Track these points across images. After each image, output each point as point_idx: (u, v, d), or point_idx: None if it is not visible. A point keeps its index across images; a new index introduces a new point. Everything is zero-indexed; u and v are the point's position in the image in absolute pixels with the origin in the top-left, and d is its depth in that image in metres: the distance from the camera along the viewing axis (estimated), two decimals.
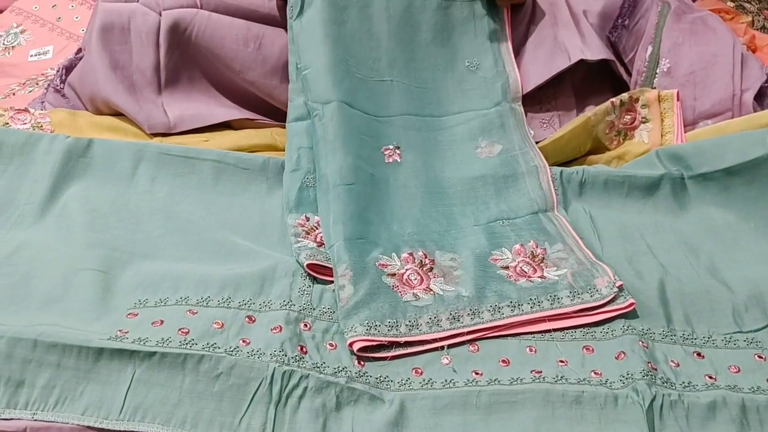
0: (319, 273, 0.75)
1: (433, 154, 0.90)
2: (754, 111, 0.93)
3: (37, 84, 1.08)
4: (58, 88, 1.03)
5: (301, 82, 0.92)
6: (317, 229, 0.80)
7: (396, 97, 0.95)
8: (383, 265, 0.75)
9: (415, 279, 0.74)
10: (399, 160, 0.88)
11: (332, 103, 0.89)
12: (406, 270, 0.75)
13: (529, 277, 0.75)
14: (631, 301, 0.71)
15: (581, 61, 0.97)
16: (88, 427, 0.60)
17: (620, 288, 0.72)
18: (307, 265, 0.74)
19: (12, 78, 1.11)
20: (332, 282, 0.74)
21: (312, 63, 0.92)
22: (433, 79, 0.97)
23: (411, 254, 0.77)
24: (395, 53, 0.97)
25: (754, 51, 1.06)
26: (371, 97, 0.93)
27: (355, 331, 0.67)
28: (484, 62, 0.99)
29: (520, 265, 0.76)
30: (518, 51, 1.02)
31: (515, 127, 0.93)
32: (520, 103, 0.97)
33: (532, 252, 0.78)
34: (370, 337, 0.67)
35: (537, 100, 1.02)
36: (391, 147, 0.90)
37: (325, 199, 0.81)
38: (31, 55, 1.17)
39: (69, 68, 1.03)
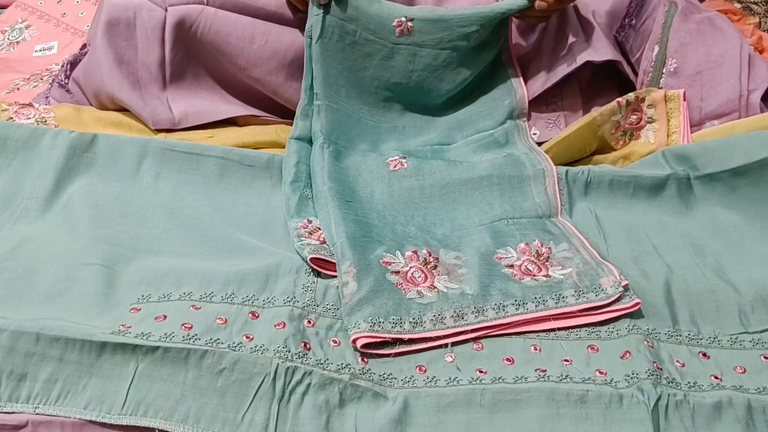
0: (323, 267, 0.75)
1: (439, 162, 0.90)
2: (761, 112, 0.93)
3: (41, 79, 1.08)
4: (63, 83, 1.03)
5: (313, 109, 0.93)
6: (320, 230, 0.80)
7: (406, 140, 0.97)
8: (387, 262, 0.75)
9: (419, 276, 0.74)
10: (405, 167, 0.88)
11: (335, 146, 0.90)
12: (410, 267, 0.75)
13: (534, 275, 0.74)
14: (637, 300, 0.71)
15: (588, 62, 0.97)
16: (91, 422, 0.60)
17: (626, 287, 0.71)
18: (311, 259, 0.74)
19: (16, 73, 1.11)
20: (336, 277, 0.74)
21: (325, 100, 0.92)
22: (446, 117, 0.98)
23: (415, 252, 0.77)
24: (411, 104, 0.98)
25: (761, 52, 1.05)
26: (379, 141, 0.95)
27: (359, 328, 0.67)
28: (493, 84, 0.99)
29: (525, 263, 0.76)
30: (527, 56, 1.02)
31: (519, 140, 0.94)
32: (525, 118, 0.97)
33: (537, 251, 0.77)
34: (373, 334, 0.67)
35: (543, 100, 1.01)
36: (396, 157, 0.90)
37: (325, 209, 0.81)
38: (36, 51, 1.17)
39: (74, 63, 1.03)
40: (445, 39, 0.94)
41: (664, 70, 0.98)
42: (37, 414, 0.60)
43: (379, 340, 0.67)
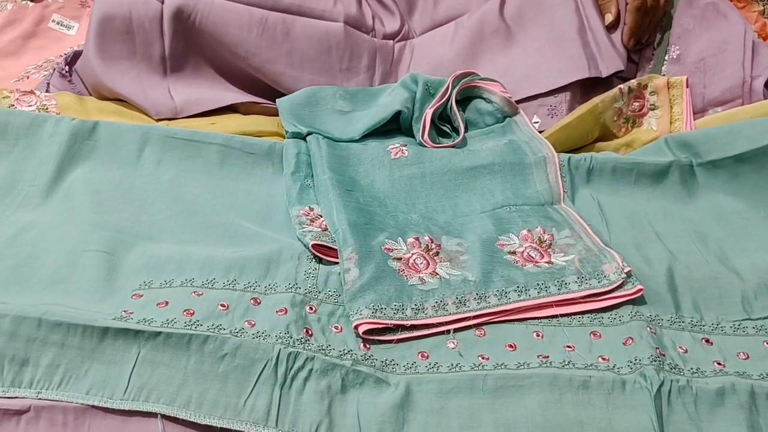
0: (325, 254, 0.74)
1: (441, 150, 0.90)
2: (765, 98, 0.93)
3: (53, 69, 1.07)
4: (63, 71, 1.03)
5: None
6: (321, 217, 0.80)
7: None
8: (389, 249, 0.74)
9: (421, 263, 0.74)
10: (406, 155, 0.88)
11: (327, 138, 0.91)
12: (412, 254, 0.75)
13: (537, 262, 0.74)
14: (639, 287, 0.70)
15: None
16: (93, 406, 0.60)
17: (628, 274, 0.71)
18: (312, 246, 0.74)
19: (36, 52, 1.09)
20: (338, 263, 0.73)
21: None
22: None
23: (417, 239, 0.76)
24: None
25: (765, 39, 1.05)
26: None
27: (361, 314, 0.67)
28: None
29: (528, 250, 0.76)
30: (534, 46, 1.01)
31: (518, 129, 0.93)
32: (519, 112, 0.96)
33: (540, 237, 0.77)
34: (375, 320, 0.66)
35: None
36: (397, 145, 0.90)
37: (326, 197, 0.81)
38: (53, 21, 1.14)
39: (76, 54, 1.03)
40: None
41: (666, 57, 0.98)
42: (39, 399, 0.60)
43: (381, 326, 0.67)
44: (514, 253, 0.76)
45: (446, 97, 0.94)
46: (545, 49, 1.00)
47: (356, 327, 0.67)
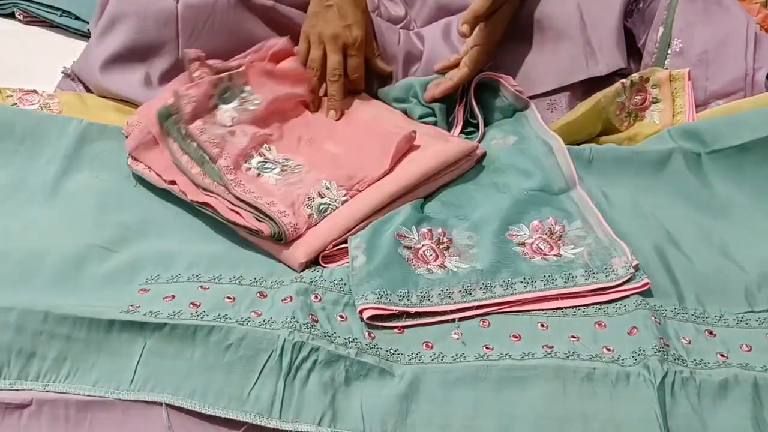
0: (331, 262, 0.74)
1: None
2: (767, 90, 0.93)
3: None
4: (65, 72, 1.03)
5: None
6: None
7: None
8: (401, 235, 0.75)
9: (431, 255, 0.74)
10: None
11: None
12: (423, 245, 0.75)
13: (545, 254, 0.74)
14: (646, 280, 0.70)
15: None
16: (95, 401, 0.60)
17: (636, 268, 0.71)
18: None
19: None
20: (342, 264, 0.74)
21: None
22: None
23: (430, 230, 0.76)
24: None
25: (767, 31, 1.05)
26: None
27: (366, 299, 0.67)
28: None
29: (537, 242, 0.76)
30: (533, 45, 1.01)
31: (527, 124, 0.94)
32: (530, 106, 0.96)
33: (550, 229, 0.77)
34: (380, 306, 0.67)
35: None
36: None
37: None
38: None
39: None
40: None
41: (669, 51, 0.97)
42: (47, 391, 0.61)
43: (386, 313, 0.67)
44: (523, 244, 0.76)
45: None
46: (545, 48, 1.00)
47: (361, 312, 0.67)
